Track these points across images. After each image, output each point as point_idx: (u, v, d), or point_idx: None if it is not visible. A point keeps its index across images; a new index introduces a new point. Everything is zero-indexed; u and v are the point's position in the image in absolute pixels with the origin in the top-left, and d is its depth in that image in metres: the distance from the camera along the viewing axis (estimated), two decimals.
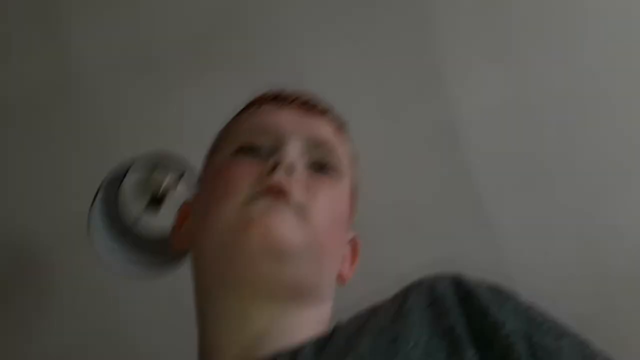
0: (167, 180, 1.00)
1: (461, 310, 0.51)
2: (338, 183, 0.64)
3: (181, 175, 1.00)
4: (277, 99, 0.68)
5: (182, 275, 0.68)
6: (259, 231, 0.55)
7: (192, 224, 0.65)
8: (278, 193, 0.57)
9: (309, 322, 0.58)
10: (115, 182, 1.00)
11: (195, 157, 0.74)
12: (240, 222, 0.56)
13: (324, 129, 0.66)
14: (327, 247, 0.60)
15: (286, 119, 0.65)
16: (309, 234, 0.57)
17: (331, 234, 0.61)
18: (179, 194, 0.99)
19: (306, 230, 0.57)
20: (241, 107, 0.70)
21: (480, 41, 1.07)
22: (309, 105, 0.68)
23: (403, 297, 0.54)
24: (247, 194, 0.58)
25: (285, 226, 0.56)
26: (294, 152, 0.61)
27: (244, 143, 0.63)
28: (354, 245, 0.69)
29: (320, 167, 0.63)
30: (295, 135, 0.63)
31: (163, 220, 0.99)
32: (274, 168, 0.59)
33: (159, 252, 0.99)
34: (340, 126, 0.69)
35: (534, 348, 0.47)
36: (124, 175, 1.00)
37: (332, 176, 0.63)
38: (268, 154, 0.62)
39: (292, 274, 0.56)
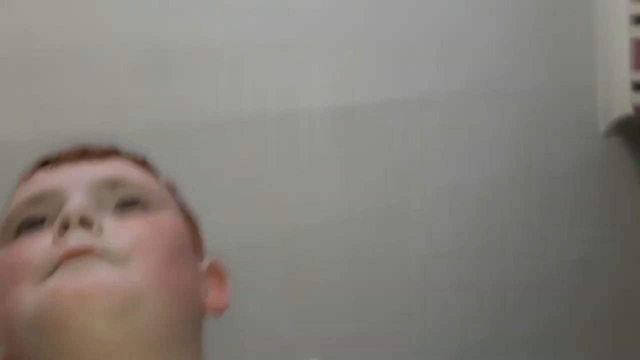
0: None
1: None
2: (157, 215, 0.53)
3: None
4: (47, 162, 0.57)
5: None
6: (70, 299, 0.43)
7: None
8: (80, 254, 0.45)
9: None
10: None
11: None
12: (41, 301, 0.43)
13: (113, 167, 0.55)
14: (167, 288, 0.48)
15: (62, 175, 0.53)
16: (137, 277, 0.46)
17: (167, 271, 0.49)
18: None
19: (132, 275, 0.46)
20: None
21: None
22: (87, 152, 0.57)
23: None
24: (42, 270, 0.45)
25: (103, 275, 0.44)
26: (81, 202, 0.48)
27: (21, 220, 0.51)
28: (214, 271, 0.59)
29: (127, 204, 0.52)
30: (77, 184, 0.51)
31: None
32: (65, 228, 0.46)
33: None
34: (138, 160, 0.59)
35: None
36: None
37: (146, 209, 0.52)
38: (54, 220, 0.49)
39: (134, 327, 0.45)
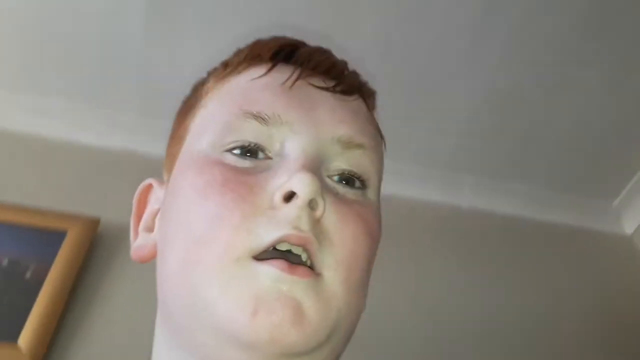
0: None
1: None
2: (369, 199, 0.46)
3: None
4: (290, 54, 0.48)
5: None
6: (259, 326, 0.37)
7: (158, 237, 0.47)
8: (293, 269, 0.38)
9: None
10: None
11: None
12: (220, 297, 0.38)
13: (355, 120, 0.46)
14: (356, 310, 0.43)
15: (300, 104, 0.45)
16: (332, 315, 0.40)
17: (361, 286, 0.43)
18: None
19: (329, 311, 0.39)
20: (236, 56, 0.50)
21: None
22: (336, 74, 0.48)
23: None
24: (241, 240, 0.39)
25: (309, 314, 0.38)
26: (312, 179, 0.39)
27: (240, 141, 0.43)
28: None
29: (349, 179, 0.45)
30: (314, 132, 0.44)
31: None
32: (288, 198, 0.40)
33: None
34: (370, 98, 0.51)
35: None
36: None
37: (364, 192, 0.45)
38: (269, 159, 0.43)
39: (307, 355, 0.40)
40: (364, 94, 0.50)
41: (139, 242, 0.49)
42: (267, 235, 0.39)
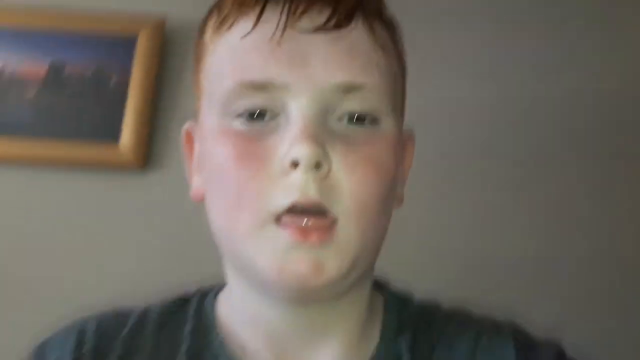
0: None
1: None
2: (383, 132, 0.49)
3: None
4: None
5: None
6: (286, 279, 0.46)
7: (203, 182, 0.53)
8: (304, 233, 0.45)
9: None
10: None
11: None
12: (256, 256, 0.46)
13: (352, 60, 0.47)
14: (373, 244, 0.50)
15: (290, 57, 0.46)
16: (349, 258, 0.47)
17: (379, 215, 0.48)
18: None
19: (345, 257, 0.46)
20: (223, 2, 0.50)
21: None
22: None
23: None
24: (260, 209, 0.46)
25: (327, 266, 0.46)
26: (313, 144, 0.44)
27: (243, 108, 0.47)
28: (407, 141, 0.56)
29: (356, 119, 0.48)
30: (307, 86, 0.46)
31: None
32: (294, 165, 0.45)
33: None
34: (376, 15, 0.50)
35: None
36: None
37: (374, 124, 0.48)
38: (276, 116, 0.47)
39: (335, 292, 0.49)
40: (366, 15, 0.49)
41: (195, 183, 0.55)
42: (282, 201, 0.45)
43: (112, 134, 1.15)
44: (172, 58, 1.20)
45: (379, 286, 0.58)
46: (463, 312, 0.58)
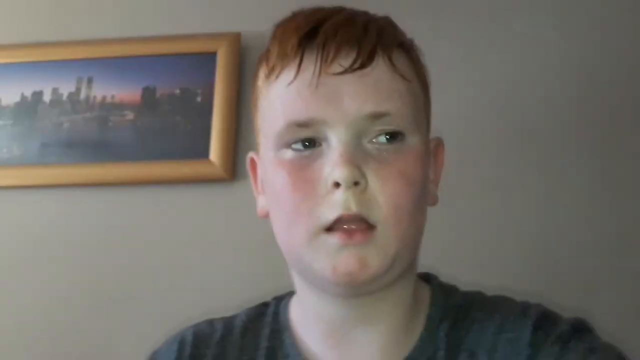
0: None
1: None
2: (410, 144, 0.57)
3: None
4: (312, 33, 0.57)
5: None
6: (338, 276, 0.55)
7: (267, 202, 0.62)
8: (350, 235, 0.54)
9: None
10: None
11: None
12: (313, 261, 0.56)
13: (379, 91, 0.56)
14: (412, 243, 0.59)
15: (327, 97, 0.56)
16: (389, 256, 0.55)
17: (414, 217, 0.57)
18: None
19: (385, 255, 0.55)
20: (270, 54, 0.59)
21: None
22: (354, 45, 0.56)
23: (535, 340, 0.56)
24: (312, 224, 0.55)
25: (370, 263, 0.55)
26: (350, 166, 0.54)
27: (292, 140, 0.57)
28: (436, 153, 0.65)
29: (387, 136, 0.56)
30: (341, 119, 0.55)
31: None
32: (337, 185, 0.54)
33: None
34: (394, 50, 0.58)
35: None
36: None
37: (403, 141, 0.57)
38: (321, 144, 0.56)
39: (381, 284, 0.57)
40: (385, 51, 0.57)
41: (260, 203, 0.65)
42: (329, 216, 0.55)
43: (202, 150, 1.21)
44: (249, 68, 1.23)
45: (427, 279, 0.66)
46: (499, 297, 0.64)
